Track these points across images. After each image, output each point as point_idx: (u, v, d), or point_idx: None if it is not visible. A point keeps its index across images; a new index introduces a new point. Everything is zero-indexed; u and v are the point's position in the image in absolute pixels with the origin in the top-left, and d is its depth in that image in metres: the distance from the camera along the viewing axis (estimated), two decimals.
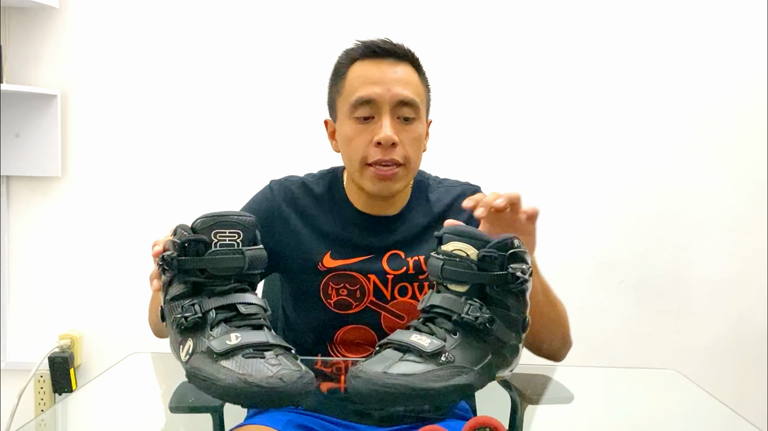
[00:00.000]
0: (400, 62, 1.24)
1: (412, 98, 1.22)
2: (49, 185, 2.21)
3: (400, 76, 1.22)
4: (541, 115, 2.17)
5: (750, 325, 2.21)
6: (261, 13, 2.16)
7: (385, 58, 1.23)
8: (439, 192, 1.35)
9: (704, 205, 2.19)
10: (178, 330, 0.88)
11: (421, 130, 1.25)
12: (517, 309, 0.92)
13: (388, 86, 1.21)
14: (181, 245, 0.89)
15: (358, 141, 1.22)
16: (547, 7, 2.15)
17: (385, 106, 1.20)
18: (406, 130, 1.22)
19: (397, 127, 1.21)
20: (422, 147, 1.27)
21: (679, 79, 2.16)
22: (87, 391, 1.35)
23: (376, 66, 1.23)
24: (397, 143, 1.20)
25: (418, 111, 1.23)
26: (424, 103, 1.26)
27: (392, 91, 1.21)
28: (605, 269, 2.20)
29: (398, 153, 1.21)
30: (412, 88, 1.23)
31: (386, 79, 1.22)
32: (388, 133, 1.19)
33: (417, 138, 1.23)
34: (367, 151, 1.21)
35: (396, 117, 1.21)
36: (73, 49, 2.18)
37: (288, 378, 0.79)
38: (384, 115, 1.20)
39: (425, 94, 1.27)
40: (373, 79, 1.22)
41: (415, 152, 1.24)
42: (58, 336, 2.21)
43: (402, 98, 1.21)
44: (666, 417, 1.18)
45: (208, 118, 2.19)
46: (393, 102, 1.21)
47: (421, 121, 1.25)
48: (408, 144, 1.22)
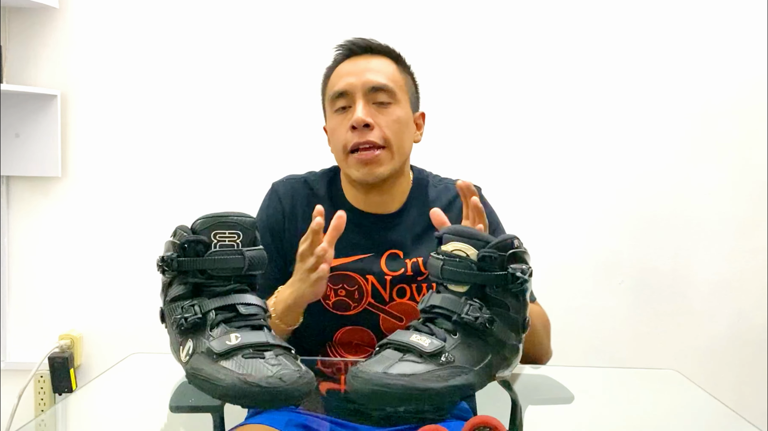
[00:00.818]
0: (376, 56, 1.31)
1: (384, 83, 1.27)
2: (49, 185, 2.21)
3: (373, 66, 1.29)
4: (541, 115, 2.17)
5: (750, 325, 2.21)
6: (261, 12, 2.16)
7: (361, 55, 1.30)
8: (438, 190, 1.35)
9: (704, 205, 2.19)
10: (178, 331, 0.88)
11: (401, 114, 1.28)
12: (516, 309, 0.92)
13: (360, 75, 1.27)
14: (181, 246, 0.89)
15: (338, 130, 1.27)
16: (548, 7, 2.15)
17: (358, 94, 1.26)
18: (382, 113, 1.26)
19: (372, 111, 1.26)
20: (407, 131, 1.29)
21: (679, 79, 2.16)
22: (87, 391, 1.34)
23: (352, 62, 1.30)
24: (372, 125, 1.24)
25: (394, 96, 1.27)
26: (404, 90, 1.30)
27: (363, 78, 1.26)
28: (605, 269, 2.20)
29: (375, 134, 1.24)
30: (384, 75, 1.28)
31: (358, 69, 1.28)
32: (359, 115, 1.24)
33: (396, 120, 1.27)
34: (346, 137, 1.26)
35: (371, 102, 1.26)
36: (73, 49, 2.18)
37: (288, 377, 0.79)
38: (357, 102, 1.25)
39: (405, 83, 1.31)
40: (347, 72, 1.29)
41: (395, 134, 1.26)
42: (58, 336, 2.21)
43: (373, 84, 1.26)
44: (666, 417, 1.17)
45: (209, 119, 2.19)
46: (365, 88, 1.26)
47: (401, 105, 1.28)
48: (386, 126, 1.26)
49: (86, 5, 2.17)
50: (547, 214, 2.19)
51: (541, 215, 2.18)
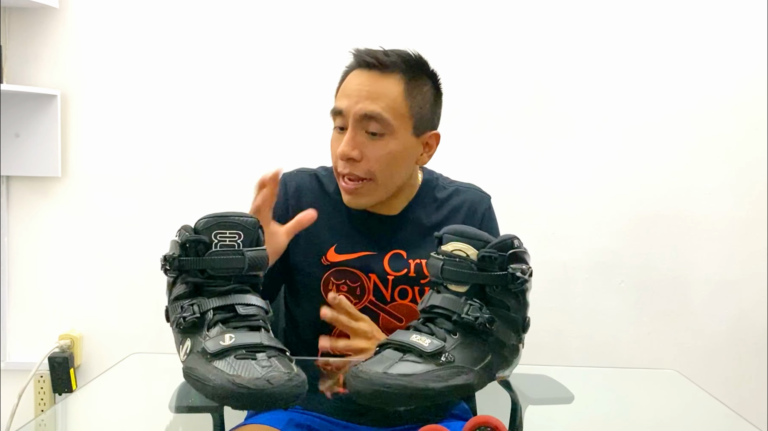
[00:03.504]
0: (387, 74, 1.21)
1: (378, 113, 1.19)
2: (49, 185, 2.21)
3: (375, 89, 1.20)
4: (541, 115, 2.17)
5: (750, 325, 2.21)
6: (261, 12, 2.16)
7: (371, 69, 1.22)
8: (447, 192, 1.35)
9: (704, 205, 2.19)
10: (178, 330, 0.89)
11: (394, 147, 1.21)
12: (516, 310, 0.92)
13: (357, 99, 1.20)
14: (182, 245, 0.89)
15: (333, 147, 1.25)
16: (549, 7, 2.15)
17: (350, 119, 1.20)
18: (373, 144, 1.21)
19: (363, 141, 1.20)
20: (400, 163, 1.24)
21: (679, 79, 2.16)
22: (87, 391, 1.35)
23: (358, 77, 1.23)
24: (358, 158, 1.20)
25: (388, 126, 1.20)
26: (405, 118, 1.22)
27: (357, 105, 1.20)
28: (605, 269, 2.20)
29: (360, 168, 1.21)
30: (383, 102, 1.19)
31: (357, 91, 1.21)
32: (343, 148, 1.20)
33: (387, 154, 1.21)
34: (336, 160, 1.24)
35: (364, 130, 1.20)
36: (73, 49, 2.18)
37: (276, 380, 0.78)
38: (349, 128, 1.21)
39: (409, 108, 1.22)
40: (348, 90, 1.22)
41: (384, 167, 1.21)
42: (58, 336, 2.21)
43: (366, 112, 1.19)
44: (666, 417, 1.18)
45: (209, 118, 2.19)
46: (357, 115, 1.20)
47: (396, 136, 1.21)
48: (375, 159, 1.20)
49: (86, 5, 2.17)
50: (547, 213, 2.19)
51: (541, 215, 2.18)
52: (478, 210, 1.34)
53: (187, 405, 0.99)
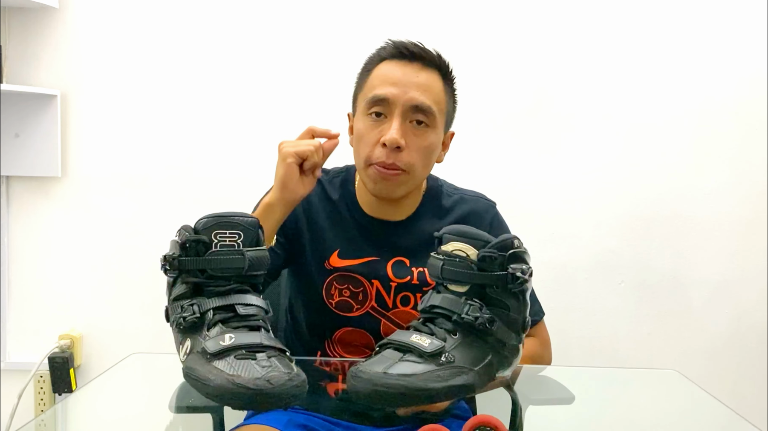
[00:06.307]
0: (427, 68, 1.22)
1: (428, 104, 1.19)
2: (49, 185, 2.21)
3: (421, 81, 1.20)
4: (541, 116, 2.17)
5: (750, 325, 2.21)
6: (262, 11, 2.15)
7: (412, 61, 1.22)
8: (453, 200, 1.34)
9: (704, 205, 2.19)
10: (178, 330, 0.89)
11: (434, 139, 1.22)
12: (517, 310, 0.92)
13: (406, 89, 1.19)
14: (182, 245, 0.89)
15: (367, 138, 1.21)
16: (550, 9, 2.15)
17: (398, 108, 1.19)
18: (416, 135, 1.20)
19: (407, 131, 1.19)
20: (432, 157, 1.24)
21: (679, 78, 2.16)
22: (87, 391, 1.34)
23: (400, 67, 1.22)
24: (403, 147, 1.18)
25: (433, 119, 1.21)
26: (443, 113, 1.23)
27: (408, 94, 1.19)
28: (605, 269, 2.20)
29: (402, 158, 1.19)
30: (430, 94, 1.20)
31: (405, 81, 1.20)
32: (394, 135, 1.17)
33: (427, 147, 1.21)
34: (373, 150, 1.20)
35: (408, 120, 1.20)
36: (73, 49, 2.18)
37: (276, 380, 0.78)
38: (395, 117, 1.19)
39: (446, 105, 1.24)
40: (393, 79, 1.21)
41: (421, 160, 1.21)
42: (58, 336, 2.21)
43: (416, 102, 1.19)
44: (666, 417, 1.17)
45: (209, 119, 2.19)
46: (407, 105, 1.19)
47: (435, 130, 1.22)
48: (415, 150, 1.20)
49: (86, 5, 2.17)
50: (547, 213, 2.19)
51: (541, 215, 2.18)
52: (484, 218, 1.33)
53: (187, 405, 0.99)
